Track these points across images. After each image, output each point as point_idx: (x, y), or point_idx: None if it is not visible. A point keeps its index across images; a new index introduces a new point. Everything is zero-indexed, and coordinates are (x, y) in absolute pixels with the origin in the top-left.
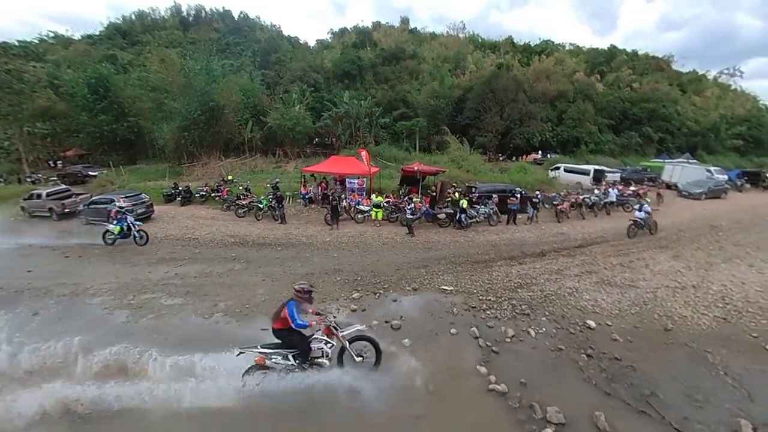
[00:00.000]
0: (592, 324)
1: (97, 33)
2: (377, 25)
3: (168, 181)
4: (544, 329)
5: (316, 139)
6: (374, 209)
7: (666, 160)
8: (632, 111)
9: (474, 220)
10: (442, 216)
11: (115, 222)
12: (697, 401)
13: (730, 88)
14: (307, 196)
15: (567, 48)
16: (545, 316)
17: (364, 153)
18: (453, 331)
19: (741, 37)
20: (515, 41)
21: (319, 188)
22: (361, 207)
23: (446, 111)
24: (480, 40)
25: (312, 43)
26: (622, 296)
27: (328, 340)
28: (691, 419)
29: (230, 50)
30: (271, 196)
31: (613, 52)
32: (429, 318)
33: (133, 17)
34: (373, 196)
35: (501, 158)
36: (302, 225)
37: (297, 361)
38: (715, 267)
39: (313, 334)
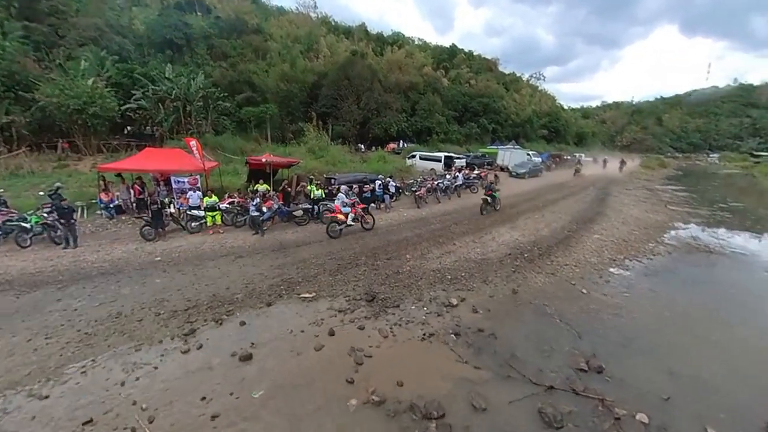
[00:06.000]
0: (454, 301)
1: None
2: None
3: None
4: (414, 318)
5: (129, 128)
6: (209, 213)
7: (498, 147)
8: (471, 105)
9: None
10: (299, 213)
11: None
12: (546, 351)
13: (538, 89)
14: (111, 205)
15: (416, 42)
16: (414, 304)
17: (194, 143)
18: (318, 344)
19: (542, 48)
20: (369, 30)
21: (132, 191)
22: (195, 212)
23: (300, 97)
24: (333, 23)
25: None
26: (479, 268)
27: None
28: (545, 369)
29: None
30: (47, 210)
31: (454, 50)
32: (288, 336)
33: None
34: (206, 198)
35: (362, 148)
36: (106, 245)
37: None
38: (540, 231)
39: None
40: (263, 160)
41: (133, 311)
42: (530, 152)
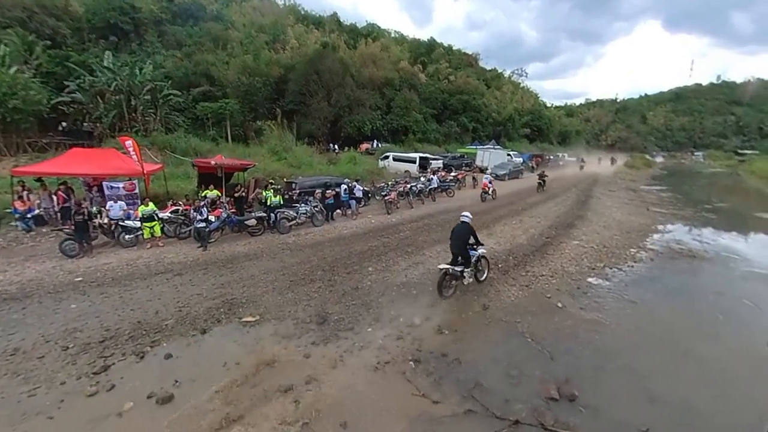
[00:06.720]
0: (417, 321)
1: None
2: None
3: None
4: (369, 342)
5: (64, 124)
6: (146, 224)
7: (478, 147)
8: (450, 102)
9: (294, 221)
10: (251, 222)
11: None
12: (514, 378)
13: (520, 86)
14: (29, 215)
15: (392, 35)
16: (371, 326)
17: (130, 142)
18: (256, 378)
19: (524, 44)
20: (341, 20)
21: (56, 199)
22: (129, 223)
23: (264, 92)
24: (303, 13)
25: None
26: None
27: None
28: (511, 400)
29: None
30: None
31: (432, 44)
32: (221, 369)
33: None
34: (141, 206)
35: (335, 149)
36: (16, 263)
37: None
38: (516, 239)
39: None
40: (212, 162)
41: (35, 346)
42: (511, 152)
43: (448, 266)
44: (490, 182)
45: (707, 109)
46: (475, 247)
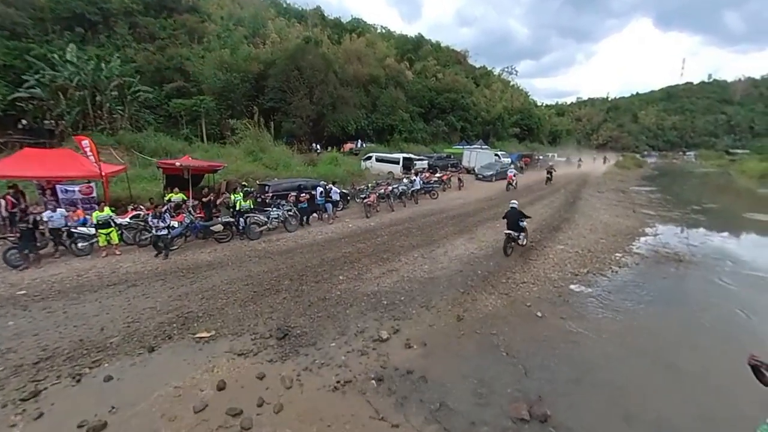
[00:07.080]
0: (385, 335)
1: None
2: None
3: None
4: (331, 359)
5: (24, 122)
6: (102, 231)
7: (465, 147)
8: (438, 100)
9: (265, 227)
10: (218, 228)
11: None
12: (483, 396)
13: (510, 84)
14: None
15: (379, 31)
16: (335, 341)
17: (86, 142)
18: (201, 402)
19: (515, 41)
20: (325, 14)
21: (3, 203)
22: (82, 230)
23: (242, 89)
24: (284, 5)
25: None
26: (422, 290)
27: None
28: (478, 422)
29: None
30: None
31: (420, 40)
32: (165, 393)
33: None
34: (96, 212)
35: (318, 149)
36: None
37: None
38: (499, 243)
39: None
40: (177, 164)
41: None
42: (499, 152)
43: (510, 232)
44: (514, 175)
45: (698, 108)
46: (523, 219)
